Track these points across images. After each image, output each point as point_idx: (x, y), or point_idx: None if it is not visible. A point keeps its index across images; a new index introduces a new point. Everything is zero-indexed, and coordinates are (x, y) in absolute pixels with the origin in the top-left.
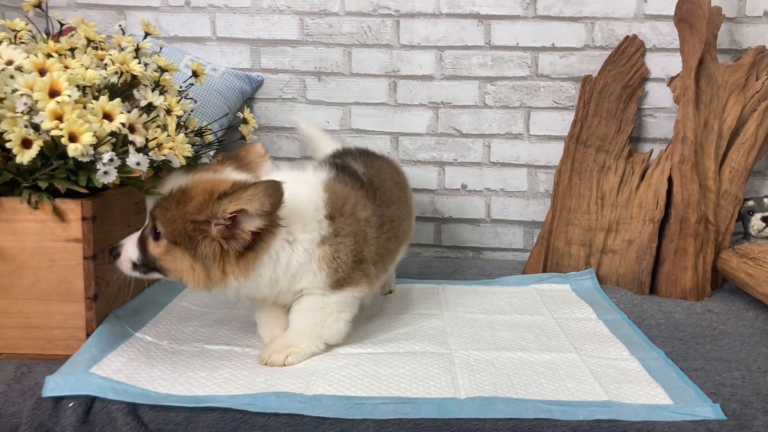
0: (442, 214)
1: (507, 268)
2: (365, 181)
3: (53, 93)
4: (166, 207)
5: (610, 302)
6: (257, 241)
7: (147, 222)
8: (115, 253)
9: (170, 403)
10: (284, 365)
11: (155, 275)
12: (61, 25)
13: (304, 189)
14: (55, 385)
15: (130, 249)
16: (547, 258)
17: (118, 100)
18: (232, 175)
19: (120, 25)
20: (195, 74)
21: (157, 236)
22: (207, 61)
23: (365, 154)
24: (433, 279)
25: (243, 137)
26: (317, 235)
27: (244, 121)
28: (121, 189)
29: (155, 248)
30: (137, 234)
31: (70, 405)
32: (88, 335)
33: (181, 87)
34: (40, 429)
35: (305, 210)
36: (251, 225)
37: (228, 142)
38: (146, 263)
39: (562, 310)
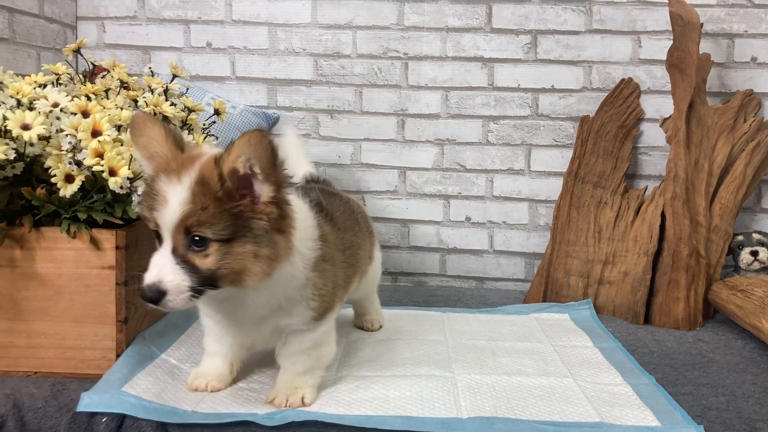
0: (447, 245)
1: (509, 297)
2: (324, 207)
3: (95, 133)
4: (204, 205)
5: (606, 331)
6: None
7: (168, 243)
8: (154, 295)
9: (196, 420)
10: (304, 405)
11: (209, 291)
12: (93, 65)
13: (302, 206)
14: (90, 401)
15: (175, 278)
16: (547, 288)
17: None
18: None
19: (149, 67)
20: (217, 112)
21: (200, 245)
22: (226, 99)
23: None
24: (438, 307)
25: None
26: (312, 256)
27: None
28: None
29: (205, 259)
30: (164, 261)
31: (104, 420)
32: (117, 356)
33: (204, 125)
34: None
35: (306, 223)
36: (265, 193)
37: None
38: (201, 282)
39: (561, 338)
